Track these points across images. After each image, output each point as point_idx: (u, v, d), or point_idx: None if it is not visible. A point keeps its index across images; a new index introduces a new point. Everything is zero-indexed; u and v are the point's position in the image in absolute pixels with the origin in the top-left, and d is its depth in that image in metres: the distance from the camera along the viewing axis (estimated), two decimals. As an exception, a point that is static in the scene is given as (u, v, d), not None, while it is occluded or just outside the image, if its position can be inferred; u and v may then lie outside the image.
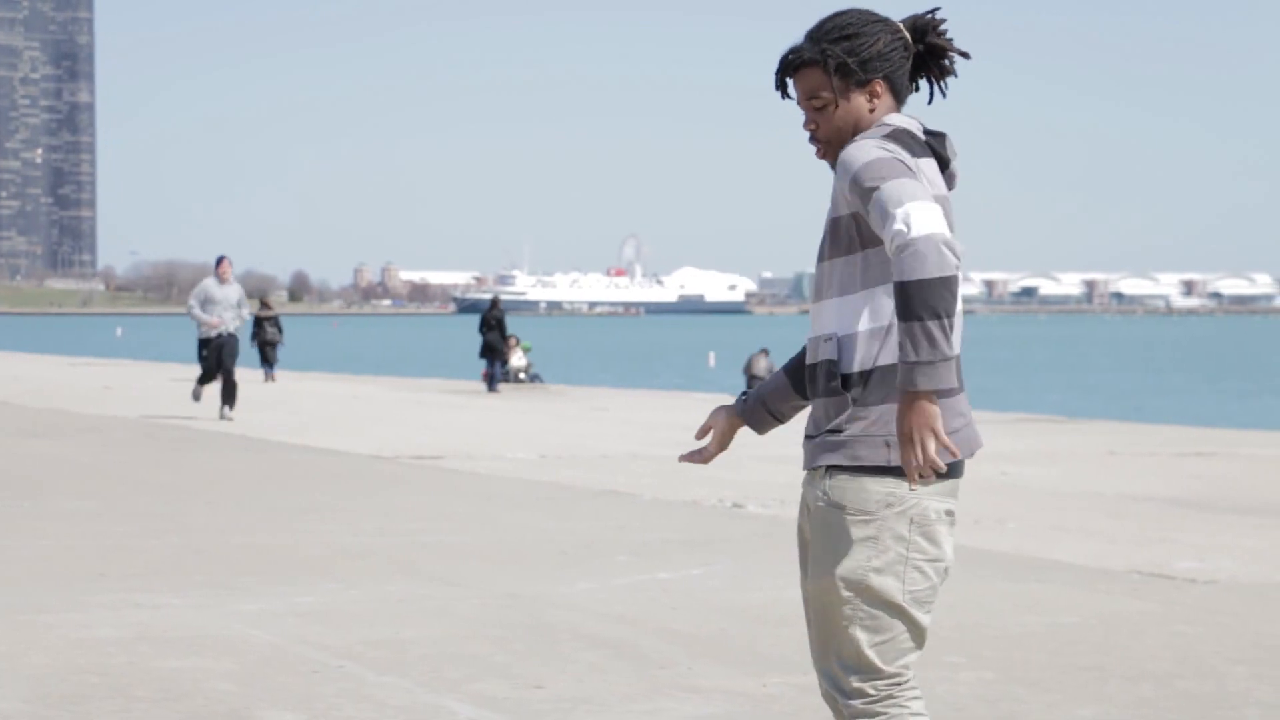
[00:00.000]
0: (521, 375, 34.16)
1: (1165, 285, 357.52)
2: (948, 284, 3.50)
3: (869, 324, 3.72)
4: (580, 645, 7.27)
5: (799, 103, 3.87)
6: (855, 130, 3.81)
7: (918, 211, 3.53)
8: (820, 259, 3.82)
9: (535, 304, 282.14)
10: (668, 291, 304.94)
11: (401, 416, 23.00)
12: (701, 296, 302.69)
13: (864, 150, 3.68)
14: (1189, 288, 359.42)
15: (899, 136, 3.76)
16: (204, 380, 21.38)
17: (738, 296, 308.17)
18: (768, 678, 6.67)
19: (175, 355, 53.88)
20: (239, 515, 11.73)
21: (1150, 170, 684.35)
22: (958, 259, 3.52)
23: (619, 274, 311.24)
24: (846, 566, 3.72)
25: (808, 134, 3.86)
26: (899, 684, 3.74)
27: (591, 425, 21.70)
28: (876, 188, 3.61)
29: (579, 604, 8.25)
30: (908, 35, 3.86)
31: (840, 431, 3.73)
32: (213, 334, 21.04)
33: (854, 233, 3.73)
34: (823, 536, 3.76)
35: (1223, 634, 7.65)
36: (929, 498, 3.74)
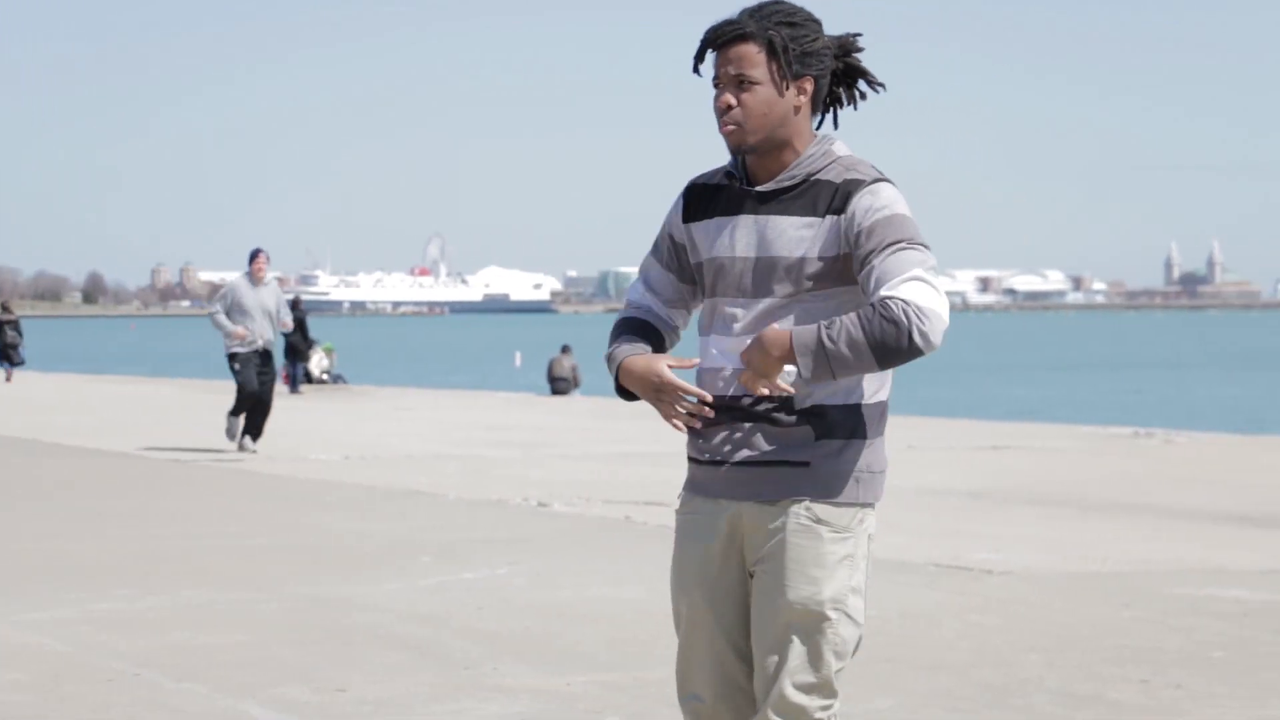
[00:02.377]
0: (324, 376, 33.80)
1: (962, 282, 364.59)
2: (904, 357, 3.55)
3: None
4: (384, 647, 7.21)
5: (719, 78, 3.69)
6: (780, 125, 3.68)
7: (939, 293, 3.60)
8: (761, 293, 3.69)
9: (338, 304, 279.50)
10: (472, 291, 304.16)
11: (199, 418, 22.60)
12: (507, 295, 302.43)
13: (886, 198, 3.66)
14: (985, 284, 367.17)
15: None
16: (243, 406, 17.08)
17: (543, 295, 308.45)
18: (573, 675, 6.68)
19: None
20: (28, 520, 11.44)
21: (946, 168, 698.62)
22: (936, 342, 3.57)
23: (423, 273, 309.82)
24: (833, 589, 3.67)
25: (720, 111, 3.69)
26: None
27: (395, 425, 21.54)
28: (905, 248, 3.61)
29: (382, 605, 8.19)
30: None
31: (806, 464, 3.68)
32: (240, 348, 16.80)
33: (837, 272, 3.67)
34: (802, 555, 3.67)
35: (1017, 623, 7.82)
36: (874, 515, 3.77)
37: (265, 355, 17.00)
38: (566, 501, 12.57)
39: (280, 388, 32.22)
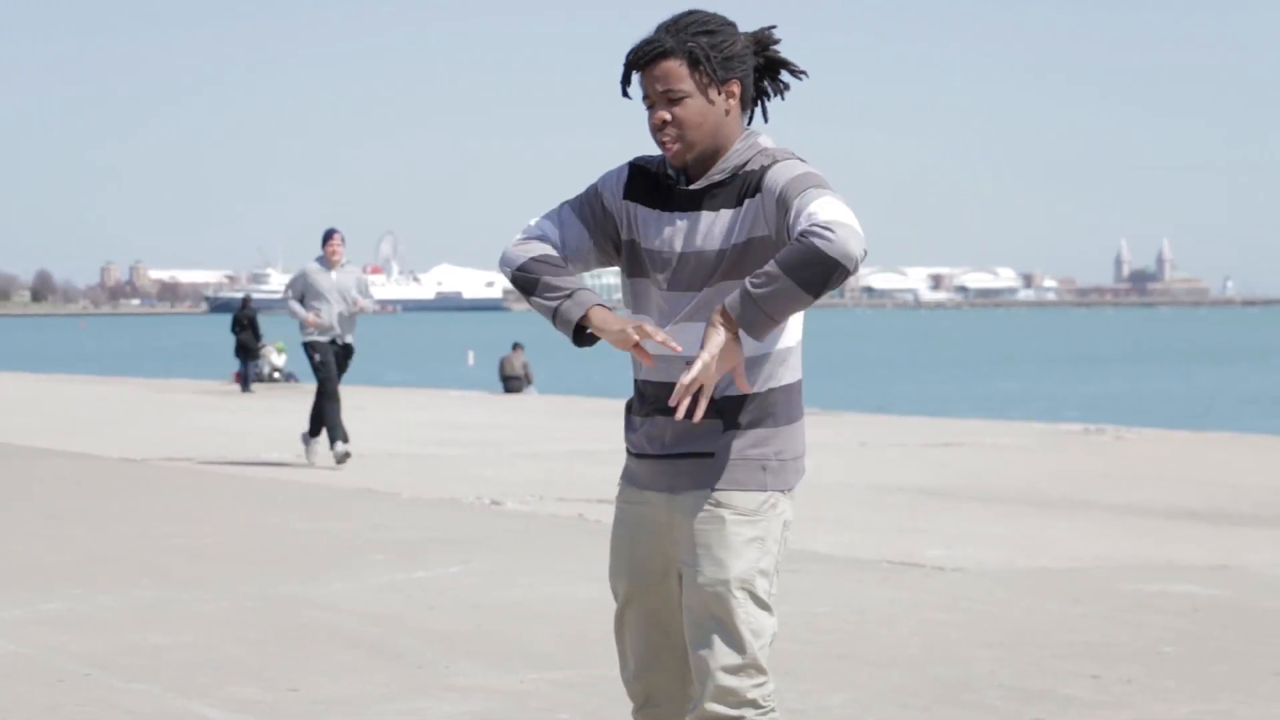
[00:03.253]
0: (275, 375, 33.66)
1: (914, 279, 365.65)
2: (840, 273, 3.55)
3: (756, 350, 3.77)
4: (336, 646, 7.19)
5: (649, 98, 3.78)
6: (716, 131, 3.78)
7: (850, 214, 3.62)
8: (694, 286, 3.77)
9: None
10: (425, 289, 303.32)
11: (152, 418, 22.51)
12: (459, 293, 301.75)
13: (798, 165, 3.73)
14: (936, 281, 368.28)
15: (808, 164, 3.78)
16: (326, 396, 15.52)
17: (495, 293, 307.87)
18: (526, 674, 6.67)
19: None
20: (-20, 522, 11.35)
21: (896, 166, 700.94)
22: (848, 246, 3.56)
23: (375, 271, 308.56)
24: (739, 568, 3.76)
25: (656, 128, 3.77)
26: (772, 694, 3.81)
27: (348, 424, 21.45)
28: (814, 189, 3.65)
29: (335, 604, 8.16)
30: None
31: (710, 455, 3.78)
32: (319, 336, 15.25)
33: (764, 255, 3.72)
34: (709, 540, 3.77)
35: (969, 620, 7.86)
36: (791, 502, 3.85)
37: (343, 347, 15.41)
38: (520, 500, 12.56)
39: (231, 386, 32.22)
